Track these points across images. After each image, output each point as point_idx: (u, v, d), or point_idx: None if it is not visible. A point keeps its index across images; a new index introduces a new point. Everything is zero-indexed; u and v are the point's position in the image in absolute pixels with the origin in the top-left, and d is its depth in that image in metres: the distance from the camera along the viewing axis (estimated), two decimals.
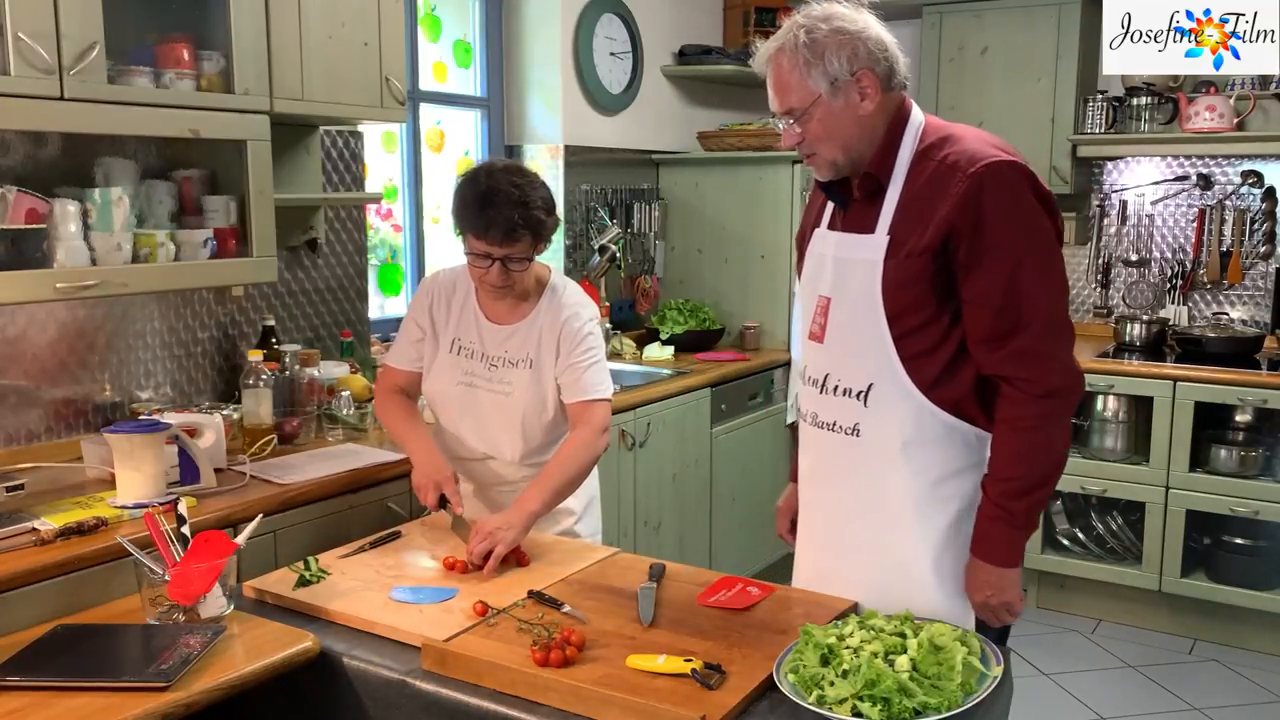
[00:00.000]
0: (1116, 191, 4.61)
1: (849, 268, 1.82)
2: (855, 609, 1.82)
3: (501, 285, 2.18)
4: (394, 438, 2.40)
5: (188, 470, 2.27)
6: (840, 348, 1.84)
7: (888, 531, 1.84)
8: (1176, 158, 4.47)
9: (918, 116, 1.83)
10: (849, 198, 1.86)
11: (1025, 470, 1.75)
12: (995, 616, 1.81)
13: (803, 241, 2.00)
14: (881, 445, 1.81)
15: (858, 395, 1.81)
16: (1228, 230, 4.37)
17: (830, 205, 1.92)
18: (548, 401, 2.28)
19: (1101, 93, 4.38)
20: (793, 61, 1.74)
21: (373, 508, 2.51)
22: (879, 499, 1.84)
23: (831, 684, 1.45)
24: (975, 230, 1.69)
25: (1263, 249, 4.32)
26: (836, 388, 1.84)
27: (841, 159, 1.80)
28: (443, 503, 2.18)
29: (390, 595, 1.86)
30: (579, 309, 2.29)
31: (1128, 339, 4.32)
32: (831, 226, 1.91)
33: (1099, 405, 4.11)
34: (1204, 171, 4.42)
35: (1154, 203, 4.53)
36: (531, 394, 2.26)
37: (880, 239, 1.77)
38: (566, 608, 1.80)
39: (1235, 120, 4.04)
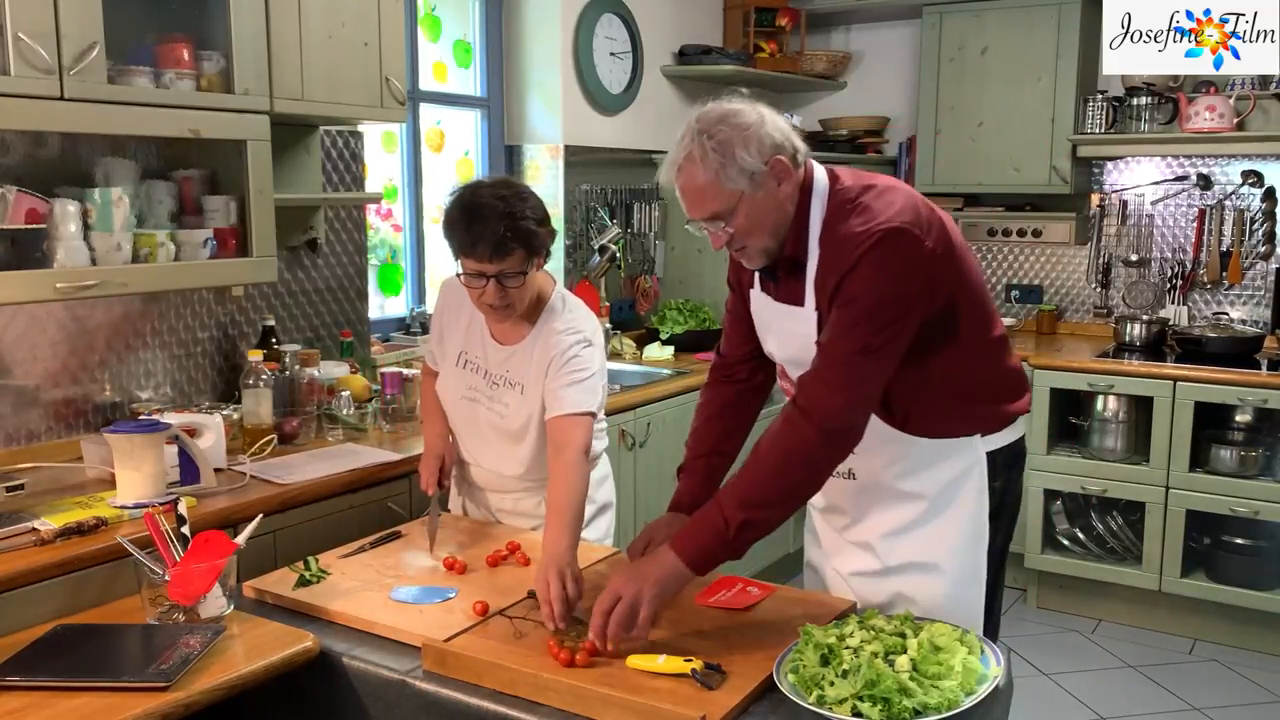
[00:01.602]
0: (1116, 191, 4.61)
1: (792, 339, 1.88)
2: (855, 609, 1.82)
3: (499, 305, 2.09)
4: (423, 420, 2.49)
5: (188, 470, 2.27)
6: None
7: (919, 551, 1.91)
8: (1176, 158, 4.47)
9: (821, 181, 1.82)
10: (775, 271, 1.88)
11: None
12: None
13: (736, 281, 2.04)
14: (878, 481, 1.91)
15: None
16: (1228, 230, 4.37)
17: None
18: (543, 428, 2.19)
19: (1101, 93, 4.38)
20: (705, 168, 1.71)
21: (373, 508, 2.51)
22: (898, 524, 1.91)
23: (831, 684, 1.45)
24: (852, 283, 1.72)
25: (1263, 249, 4.32)
26: None
27: (772, 244, 1.81)
28: (441, 483, 2.29)
29: (390, 595, 1.86)
30: (569, 331, 2.17)
31: (1128, 339, 4.32)
32: (766, 291, 1.94)
33: (1099, 405, 4.11)
34: (1204, 171, 4.42)
35: (1154, 203, 4.53)
36: (524, 419, 2.21)
37: (809, 313, 1.83)
38: None
39: (1235, 120, 4.04)
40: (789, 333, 1.88)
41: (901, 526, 1.91)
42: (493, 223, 2.01)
